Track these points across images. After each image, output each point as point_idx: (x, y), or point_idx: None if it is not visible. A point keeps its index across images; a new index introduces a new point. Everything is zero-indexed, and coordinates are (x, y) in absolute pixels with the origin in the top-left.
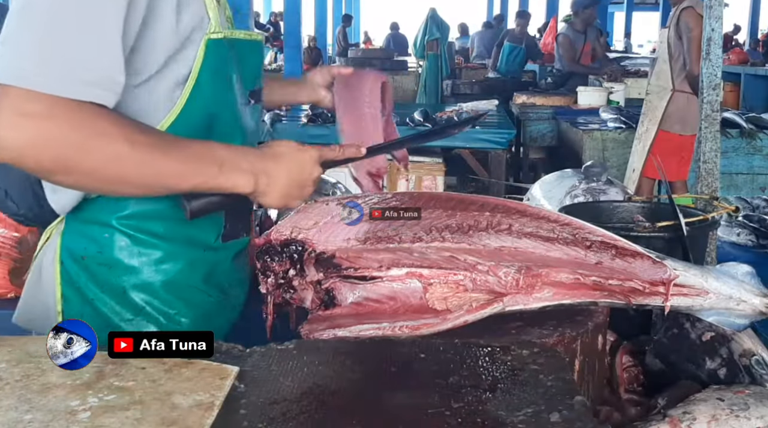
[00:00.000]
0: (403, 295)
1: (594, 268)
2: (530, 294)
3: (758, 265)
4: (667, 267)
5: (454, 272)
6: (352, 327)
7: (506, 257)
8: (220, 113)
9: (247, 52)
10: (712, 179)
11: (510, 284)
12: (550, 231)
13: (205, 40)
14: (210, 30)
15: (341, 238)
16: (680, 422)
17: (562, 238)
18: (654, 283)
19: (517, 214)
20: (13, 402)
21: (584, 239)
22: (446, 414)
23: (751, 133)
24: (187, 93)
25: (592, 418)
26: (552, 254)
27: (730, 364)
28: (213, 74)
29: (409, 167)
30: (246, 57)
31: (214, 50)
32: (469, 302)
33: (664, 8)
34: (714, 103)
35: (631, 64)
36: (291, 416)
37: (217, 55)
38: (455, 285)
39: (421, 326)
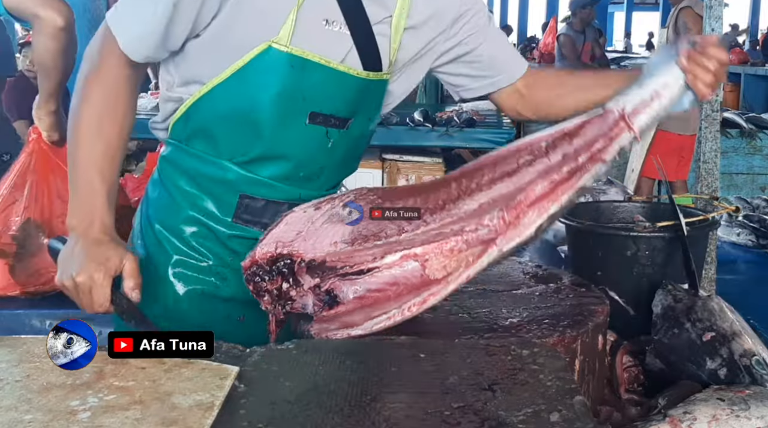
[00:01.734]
0: (403, 278)
1: (561, 163)
2: (518, 225)
3: (758, 265)
4: (613, 108)
5: (446, 242)
6: (364, 323)
7: (487, 209)
8: (253, 110)
9: (325, 77)
10: (712, 179)
11: (499, 226)
12: (511, 165)
13: (265, 46)
14: (274, 40)
15: (327, 243)
16: (680, 422)
17: (523, 163)
18: (613, 128)
19: (477, 171)
20: (13, 402)
21: (540, 148)
22: (446, 414)
23: (751, 133)
24: (224, 76)
25: (592, 418)
26: (523, 180)
27: (730, 364)
28: (256, 75)
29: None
30: (322, 82)
31: (269, 56)
32: (467, 259)
33: (664, 8)
34: (714, 103)
35: (631, 65)
36: (291, 416)
37: (271, 62)
38: (450, 252)
39: (427, 297)
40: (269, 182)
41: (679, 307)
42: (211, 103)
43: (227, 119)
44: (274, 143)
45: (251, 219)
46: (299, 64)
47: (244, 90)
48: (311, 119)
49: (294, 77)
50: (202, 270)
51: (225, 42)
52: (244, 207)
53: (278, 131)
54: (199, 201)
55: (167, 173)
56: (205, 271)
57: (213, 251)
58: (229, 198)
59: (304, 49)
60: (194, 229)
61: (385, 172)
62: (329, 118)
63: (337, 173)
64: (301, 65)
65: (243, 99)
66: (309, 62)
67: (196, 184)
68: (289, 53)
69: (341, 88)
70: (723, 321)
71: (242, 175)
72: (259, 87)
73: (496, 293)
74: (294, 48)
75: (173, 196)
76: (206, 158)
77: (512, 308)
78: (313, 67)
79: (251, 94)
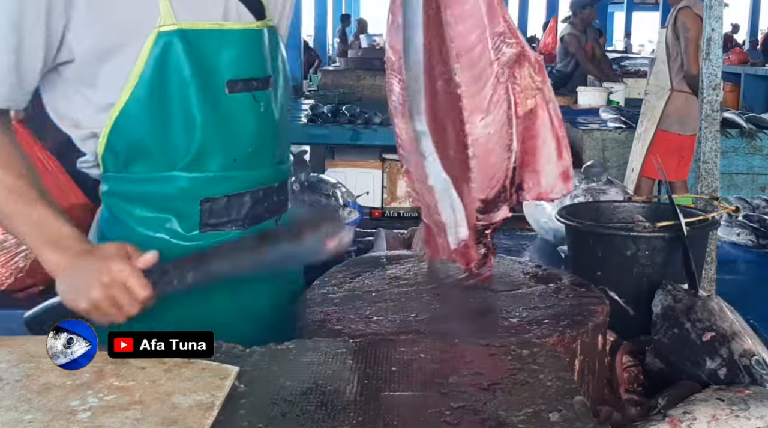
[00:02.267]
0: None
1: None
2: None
3: (758, 265)
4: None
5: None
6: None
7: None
8: (174, 102)
9: (224, 41)
10: (712, 179)
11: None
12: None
13: (155, 33)
14: (160, 23)
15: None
16: (680, 422)
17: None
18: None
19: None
20: (13, 402)
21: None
22: (446, 414)
23: (751, 133)
24: (132, 84)
25: (592, 418)
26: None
27: (730, 364)
28: (161, 65)
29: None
30: (223, 46)
31: (165, 42)
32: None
33: (664, 8)
34: (714, 103)
35: (631, 64)
36: (291, 416)
37: (168, 46)
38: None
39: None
40: (222, 174)
41: (679, 307)
42: (129, 119)
43: (152, 125)
44: (208, 127)
45: (218, 222)
46: (194, 36)
47: (155, 88)
48: (231, 88)
49: (195, 52)
50: (180, 298)
51: (105, 49)
52: (207, 213)
53: (206, 114)
54: (162, 223)
55: (118, 207)
56: (186, 298)
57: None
58: (191, 209)
59: (191, 20)
60: (164, 256)
61: (385, 172)
62: (249, 82)
63: (281, 141)
64: (197, 37)
65: (158, 98)
66: (203, 31)
67: (152, 207)
68: (180, 29)
69: (246, 47)
70: (723, 321)
71: (194, 178)
72: (167, 78)
73: (496, 293)
74: (182, 22)
75: (132, 228)
76: (152, 177)
77: (512, 308)
78: (209, 34)
79: (164, 89)
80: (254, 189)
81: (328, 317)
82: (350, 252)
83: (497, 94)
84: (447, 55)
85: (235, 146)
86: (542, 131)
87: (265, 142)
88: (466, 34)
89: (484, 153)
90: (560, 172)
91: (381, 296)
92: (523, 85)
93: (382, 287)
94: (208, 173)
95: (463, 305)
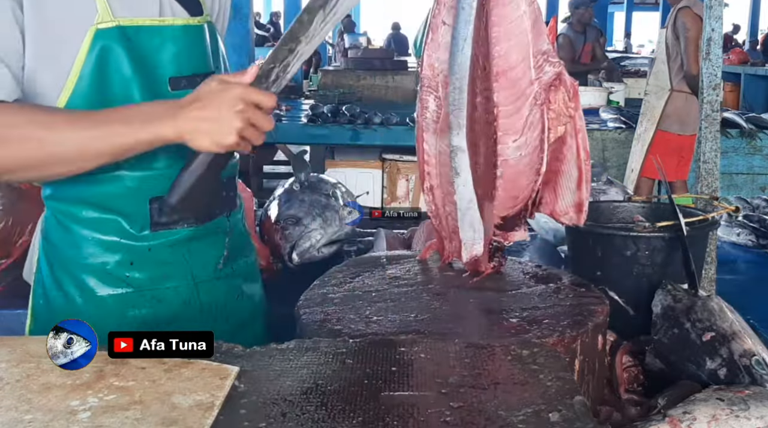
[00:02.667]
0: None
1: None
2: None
3: (758, 265)
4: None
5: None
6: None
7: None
8: (116, 100)
9: (164, 37)
10: (712, 179)
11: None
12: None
13: (93, 31)
14: (98, 20)
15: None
16: (680, 422)
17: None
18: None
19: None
20: (13, 402)
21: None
22: (446, 414)
23: (751, 133)
24: (71, 85)
25: (592, 418)
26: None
27: (730, 364)
28: (102, 64)
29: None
30: (164, 43)
31: (104, 40)
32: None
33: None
34: (714, 103)
35: (631, 64)
36: (291, 416)
37: (107, 44)
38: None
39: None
40: (169, 172)
41: (679, 307)
42: None
43: None
44: None
45: (169, 220)
46: (133, 33)
47: (97, 86)
48: (174, 86)
49: (135, 49)
50: (137, 300)
51: (43, 48)
52: (157, 211)
53: None
54: (110, 225)
55: (63, 212)
56: (140, 300)
57: (143, 274)
58: (139, 209)
59: (129, 16)
60: (116, 258)
61: (385, 172)
62: (193, 78)
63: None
64: (136, 33)
65: (101, 96)
66: (142, 28)
67: (99, 208)
68: (119, 26)
69: (187, 43)
70: (723, 321)
71: (141, 176)
72: (108, 76)
73: (496, 293)
74: (120, 19)
75: (77, 232)
76: (97, 177)
77: (512, 308)
78: (148, 30)
79: (105, 87)
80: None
81: (328, 317)
82: (350, 252)
83: (533, 116)
84: (489, 73)
85: (180, 146)
86: (568, 155)
87: None
88: (508, 52)
89: (512, 174)
90: (575, 202)
91: (381, 296)
92: (557, 111)
93: (382, 287)
94: (155, 171)
95: (464, 305)
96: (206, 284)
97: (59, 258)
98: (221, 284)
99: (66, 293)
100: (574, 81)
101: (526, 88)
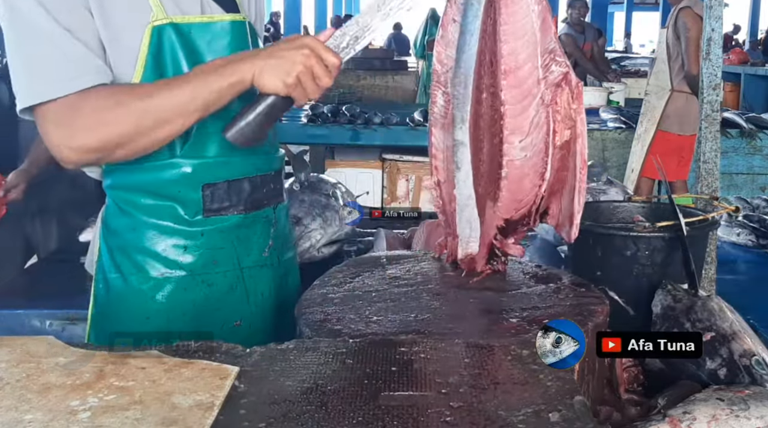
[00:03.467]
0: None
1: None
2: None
3: (758, 265)
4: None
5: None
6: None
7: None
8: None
9: (213, 33)
10: (712, 179)
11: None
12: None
13: (150, 29)
14: (153, 18)
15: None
16: (680, 422)
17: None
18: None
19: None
20: (13, 402)
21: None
22: (446, 414)
23: (751, 133)
24: (136, 81)
25: (592, 418)
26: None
27: (730, 364)
28: (160, 59)
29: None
30: (214, 38)
31: (161, 36)
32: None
33: (664, 8)
34: (714, 103)
35: (631, 64)
36: (291, 416)
37: (164, 40)
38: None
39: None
40: (221, 160)
41: (679, 307)
42: None
43: None
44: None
45: (220, 206)
46: (186, 29)
47: (155, 79)
48: None
49: (188, 44)
50: (189, 283)
51: (110, 49)
52: (210, 198)
53: None
54: (166, 211)
55: (123, 199)
56: (191, 283)
57: (195, 258)
58: (192, 195)
59: (180, 14)
60: (171, 242)
61: (385, 172)
62: None
63: (273, 130)
64: (188, 29)
65: None
66: (193, 24)
67: (156, 195)
68: (173, 23)
69: (234, 38)
70: (723, 321)
71: (196, 164)
72: (165, 70)
73: (496, 293)
74: (173, 17)
75: (137, 217)
76: (155, 165)
77: (512, 308)
78: (199, 27)
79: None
80: (252, 176)
81: (328, 317)
82: (350, 252)
83: (539, 116)
84: (496, 70)
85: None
86: (571, 165)
87: None
88: (517, 51)
89: (517, 176)
90: (569, 213)
91: (381, 296)
92: (563, 113)
93: (382, 287)
94: (208, 159)
95: (464, 305)
96: (251, 271)
97: (118, 243)
98: (265, 273)
99: (123, 275)
100: (579, 81)
101: (532, 87)
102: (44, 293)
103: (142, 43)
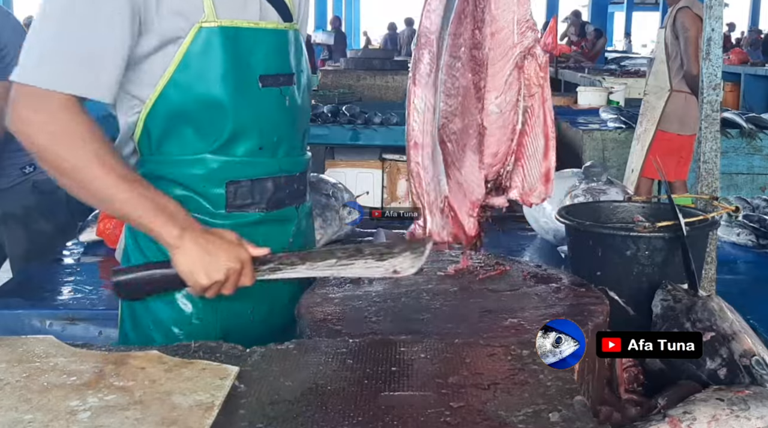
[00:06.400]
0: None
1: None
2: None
3: (758, 265)
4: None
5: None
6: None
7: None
8: (209, 92)
9: (257, 39)
10: (712, 179)
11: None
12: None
13: (197, 28)
14: (203, 19)
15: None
16: (680, 422)
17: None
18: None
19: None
20: (13, 402)
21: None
22: (446, 414)
23: (751, 133)
24: (169, 74)
25: (592, 418)
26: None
27: (730, 364)
28: (200, 58)
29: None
30: (257, 43)
31: (206, 37)
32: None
33: (664, 8)
34: (714, 103)
35: (631, 64)
36: (291, 416)
37: (208, 41)
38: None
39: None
40: (247, 159)
41: (679, 307)
42: (166, 103)
43: (188, 111)
44: (239, 116)
45: (243, 203)
46: (232, 34)
47: (194, 78)
48: (263, 83)
49: (233, 48)
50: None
51: (160, 41)
52: (233, 194)
53: (240, 105)
54: (191, 202)
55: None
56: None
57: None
58: (217, 189)
59: (230, 18)
60: None
61: (385, 172)
62: (277, 77)
63: (301, 133)
64: (235, 34)
65: (196, 87)
66: (241, 30)
67: (183, 187)
68: (221, 26)
69: (276, 45)
70: (723, 321)
71: (223, 161)
72: (206, 69)
73: (496, 293)
74: (223, 20)
75: None
76: (184, 159)
77: (512, 308)
78: (246, 32)
79: (202, 80)
80: (276, 176)
81: (328, 317)
82: None
83: (512, 77)
84: (481, 30)
85: (261, 135)
86: (535, 126)
87: (288, 133)
88: (501, 15)
89: (493, 130)
90: (543, 172)
91: (381, 296)
92: (530, 78)
93: (382, 288)
94: (235, 157)
95: (464, 305)
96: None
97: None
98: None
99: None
100: (545, 54)
101: (510, 48)
102: (44, 293)
103: (185, 42)
